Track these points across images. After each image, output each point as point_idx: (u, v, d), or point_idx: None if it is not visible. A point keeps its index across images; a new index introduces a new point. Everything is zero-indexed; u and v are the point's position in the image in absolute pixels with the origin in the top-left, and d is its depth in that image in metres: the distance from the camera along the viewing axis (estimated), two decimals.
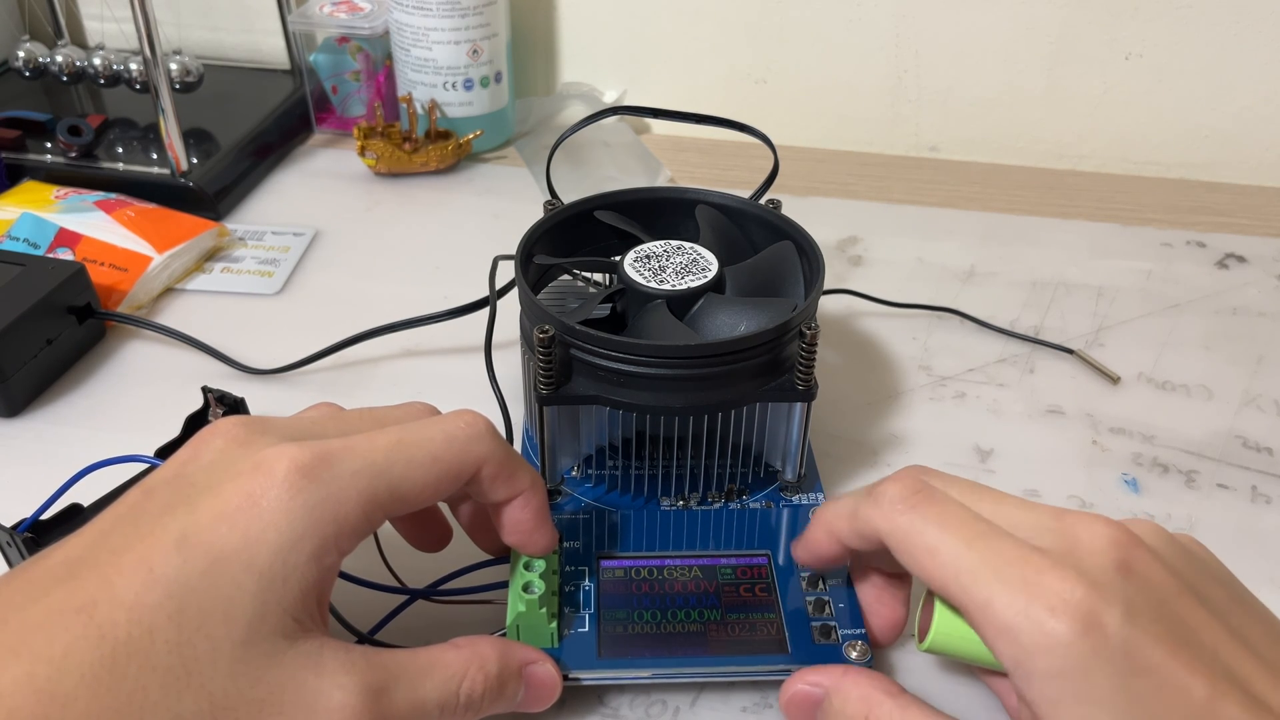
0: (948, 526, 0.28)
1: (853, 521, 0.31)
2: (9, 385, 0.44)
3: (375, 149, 0.63)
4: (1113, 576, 0.26)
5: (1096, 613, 0.25)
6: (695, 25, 0.70)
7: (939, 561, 0.28)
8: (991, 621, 0.26)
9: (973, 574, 0.27)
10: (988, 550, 0.27)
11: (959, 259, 0.58)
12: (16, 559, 0.36)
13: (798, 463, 0.39)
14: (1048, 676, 0.25)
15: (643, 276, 0.39)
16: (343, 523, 0.27)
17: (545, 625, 0.32)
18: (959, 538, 0.28)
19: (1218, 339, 0.52)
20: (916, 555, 0.28)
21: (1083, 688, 0.25)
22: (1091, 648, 0.25)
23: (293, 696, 0.25)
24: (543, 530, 0.32)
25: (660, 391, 0.36)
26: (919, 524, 0.28)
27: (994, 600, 0.26)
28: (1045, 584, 0.26)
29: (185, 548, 0.25)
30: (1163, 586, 0.26)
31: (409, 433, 0.29)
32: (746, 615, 0.34)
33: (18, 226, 0.53)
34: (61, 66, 0.66)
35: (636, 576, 0.36)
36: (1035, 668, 0.25)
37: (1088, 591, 0.25)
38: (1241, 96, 0.66)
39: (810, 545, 0.33)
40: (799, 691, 0.31)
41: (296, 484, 0.26)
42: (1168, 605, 0.26)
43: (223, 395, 0.41)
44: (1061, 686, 0.25)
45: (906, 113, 0.70)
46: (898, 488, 0.29)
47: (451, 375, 0.48)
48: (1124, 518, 0.29)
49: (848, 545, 0.31)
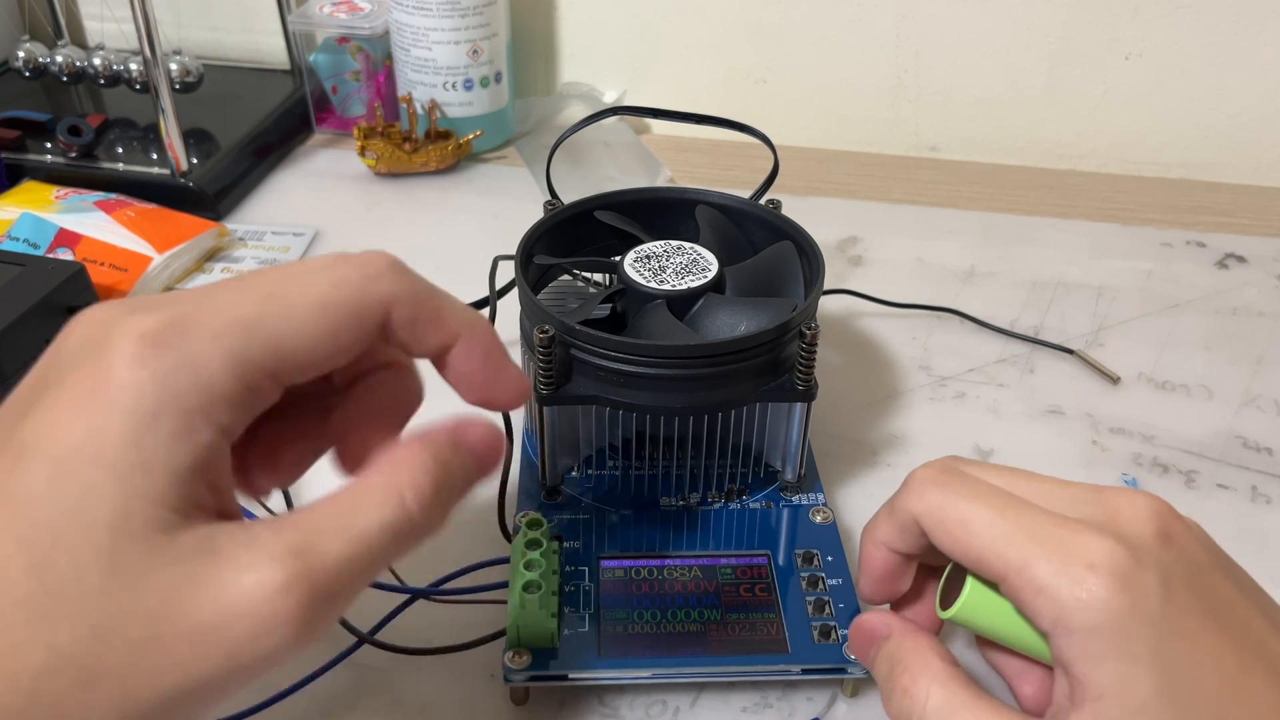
0: (979, 499, 0.28)
1: (891, 517, 0.30)
2: (9, 385, 0.44)
3: (375, 149, 0.63)
4: (1152, 543, 0.26)
5: (1135, 574, 0.25)
6: (695, 25, 0.70)
7: (972, 532, 0.27)
8: (1029, 583, 0.26)
9: (1008, 539, 0.26)
10: (1022, 518, 0.27)
11: (959, 259, 0.58)
12: None
13: (798, 463, 0.39)
14: (1086, 632, 0.25)
15: (643, 276, 0.39)
16: (209, 389, 0.22)
17: (545, 625, 0.32)
18: (992, 509, 0.27)
19: (1218, 339, 0.52)
20: (950, 530, 0.28)
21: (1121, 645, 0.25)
22: (1130, 606, 0.25)
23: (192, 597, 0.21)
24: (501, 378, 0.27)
25: (660, 391, 0.36)
26: (950, 499, 0.28)
27: (1031, 562, 0.26)
28: (1084, 544, 0.25)
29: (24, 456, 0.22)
30: (1199, 559, 0.27)
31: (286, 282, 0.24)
32: (746, 615, 0.34)
33: (18, 226, 0.53)
34: (61, 66, 0.66)
35: (636, 576, 0.36)
36: (1074, 623, 0.25)
37: (1127, 553, 0.25)
38: (1241, 96, 0.66)
39: (866, 566, 0.32)
40: (870, 621, 0.31)
41: (142, 356, 0.22)
42: (1204, 577, 0.26)
43: None
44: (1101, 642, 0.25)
45: (906, 113, 0.70)
46: (928, 470, 0.29)
47: None
48: None
49: (895, 549, 0.31)
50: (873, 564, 0.31)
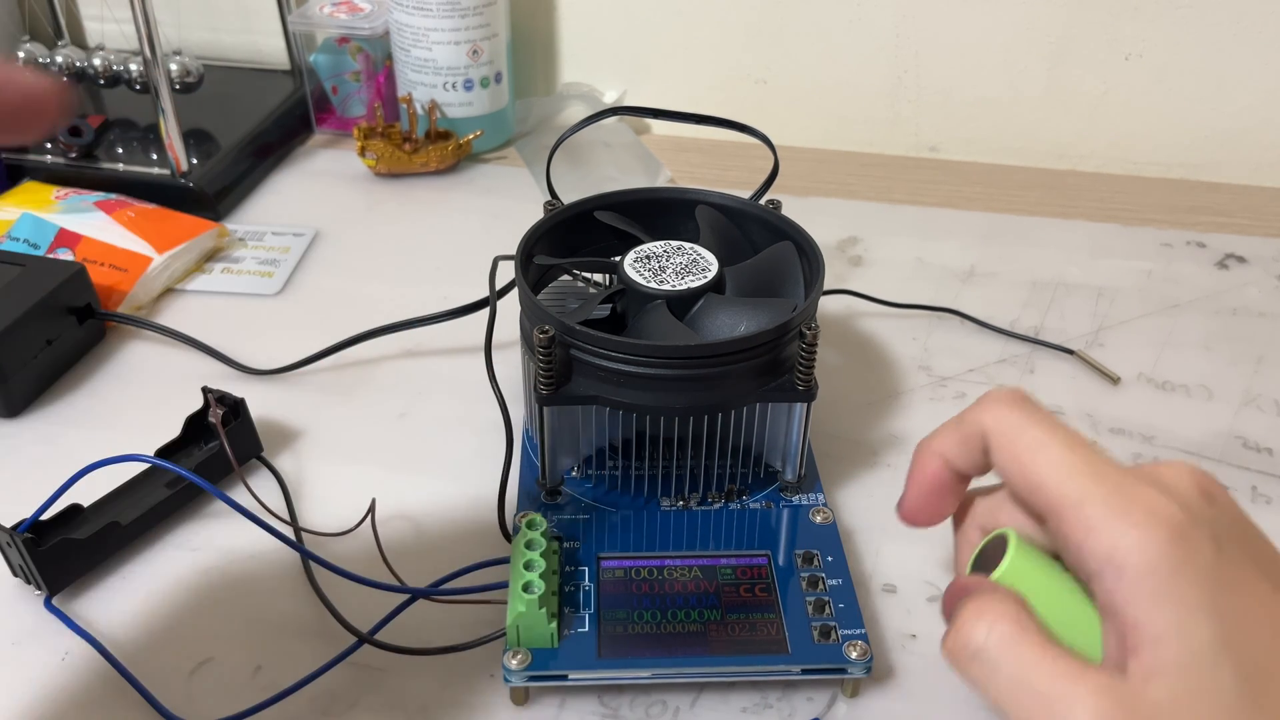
0: (1053, 430, 0.28)
1: (958, 428, 0.30)
2: (9, 386, 0.44)
3: (375, 149, 0.63)
4: (1199, 502, 0.26)
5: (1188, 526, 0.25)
6: (695, 25, 0.70)
7: (1041, 457, 0.27)
8: (1085, 518, 0.26)
9: (1071, 469, 0.27)
10: (1091, 457, 0.27)
11: (959, 259, 0.58)
12: (17, 560, 0.36)
13: (798, 463, 0.39)
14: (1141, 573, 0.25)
15: (643, 277, 0.39)
16: None
17: (545, 625, 0.32)
18: (1063, 442, 0.27)
19: (1218, 339, 0.52)
20: (1019, 451, 0.28)
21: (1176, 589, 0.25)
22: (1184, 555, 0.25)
23: None
24: None
25: (660, 392, 0.36)
26: (1026, 421, 0.28)
27: (1091, 498, 0.26)
28: (1141, 493, 0.26)
29: None
30: (1240, 520, 0.27)
31: None
32: (746, 615, 0.34)
33: (18, 227, 0.53)
34: (62, 67, 0.66)
35: (636, 576, 0.36)
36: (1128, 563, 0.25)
37: (1180, 507, 0.25)
38: (1241, 96, 0.66)
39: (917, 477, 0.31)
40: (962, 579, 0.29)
41: None
42: (1249, 538, 0.27)
43: (223, 396, 0.41)
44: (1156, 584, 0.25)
45: (906, 113, 0.70)
46: (1003, 392, 0.29)
47: (451, 376, 0.48)
48: None
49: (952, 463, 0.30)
50: (924, 474, 0.31)
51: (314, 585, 0.37)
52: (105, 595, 0.37)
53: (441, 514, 0.41)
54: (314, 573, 0.38)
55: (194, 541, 0.40)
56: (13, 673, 0.35)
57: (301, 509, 0.41)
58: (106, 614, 0.37)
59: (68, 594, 0.37)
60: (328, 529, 0.39)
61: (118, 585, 0.38)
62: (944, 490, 0.31)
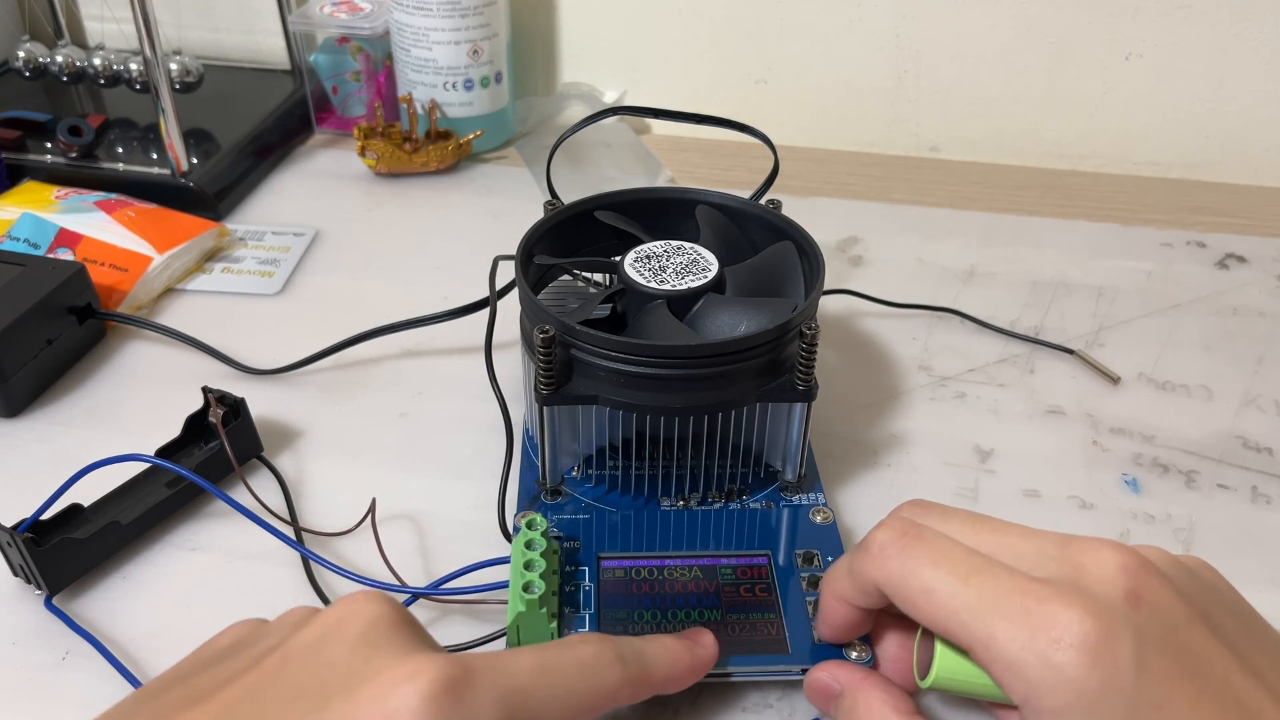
0: (941, 564, 0.27)
1: (851, 578, 0.30)
2: (9, 385, 0.44)
3: (375, 149, 0.63)
4: (1121, 605, 0.25)
5: (1104, 645, 0.24)
6: (695, 25, 0.70)
7: (936, 602, 0.27)
8: (997, 658, 0.25)
9: (972, 611, 0.26)
10: (985, 584, 0.26)
11: (959, 259, 0.58)
12: (17, 559, 0.36)
13: (798, 463, 0.39)
14: (1055, 713, 0.24)
15: (643, 277, 0.39)
16: None
17: (545, 625, 0.32)
18: (954, 575, 0.27)
19: (1218, 339, 0.52)
20: (913, 599, 0.28)
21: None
22: (1100, 682, 0.24)
23: None
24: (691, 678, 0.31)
25: (661, 392, 0.36)
26: (911, 566, 0.28)
27: (996, 635, 0.25)
28: (1049, 615, 0.25)
29: None
30: (1173, 614, 0.26)
31: (548, 657, 0.27)
32: (747, 615, 0.34)
33: (18, 227, 0.53)
34: (62, 67, 0.66)
35: (637, 576, 0.36)
36: (1043, 704, 0.24)
37: (1095, 622, 0.24)
38: (1241, 96, 0.66)
39: (825, 616, 0.32)
40: (819, 680, 0.31)
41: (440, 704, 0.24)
42: (1178, 634, 0.25)
43: (223, 395, 0.41)
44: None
45: (906, 113, 0.70)
46: (886, 533, 0.29)
47: (451, 375, 0.48)
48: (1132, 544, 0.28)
49: (856, 605, 0.31)
50: (833, 617, 0.32)
51: (315, 585, 0.37)
52: (106, 595, 0.37)
53: (440, 514, 0.41)
54: (315, 573, 0.38)
55: (194, 541, 0.40)
56: (13, 673, 0.35)
57: (301, 508, 0.41)
58: (107, 614, 0.37)
59: (68, 594, 0.37)
60: (327, 529, 0.39)
61: (118, 585, 0.38)
62: (855, 624, 0.32)
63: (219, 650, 0.28)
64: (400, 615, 0.27)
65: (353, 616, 0.26)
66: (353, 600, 0.27)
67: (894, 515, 0.30)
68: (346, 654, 0.25)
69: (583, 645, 0.28)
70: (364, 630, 0.26)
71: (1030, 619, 0.25)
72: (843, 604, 0.31)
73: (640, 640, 0.30)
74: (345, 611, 0.26)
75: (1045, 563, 0.27)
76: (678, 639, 0.31)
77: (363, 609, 0.26)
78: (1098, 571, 0.26)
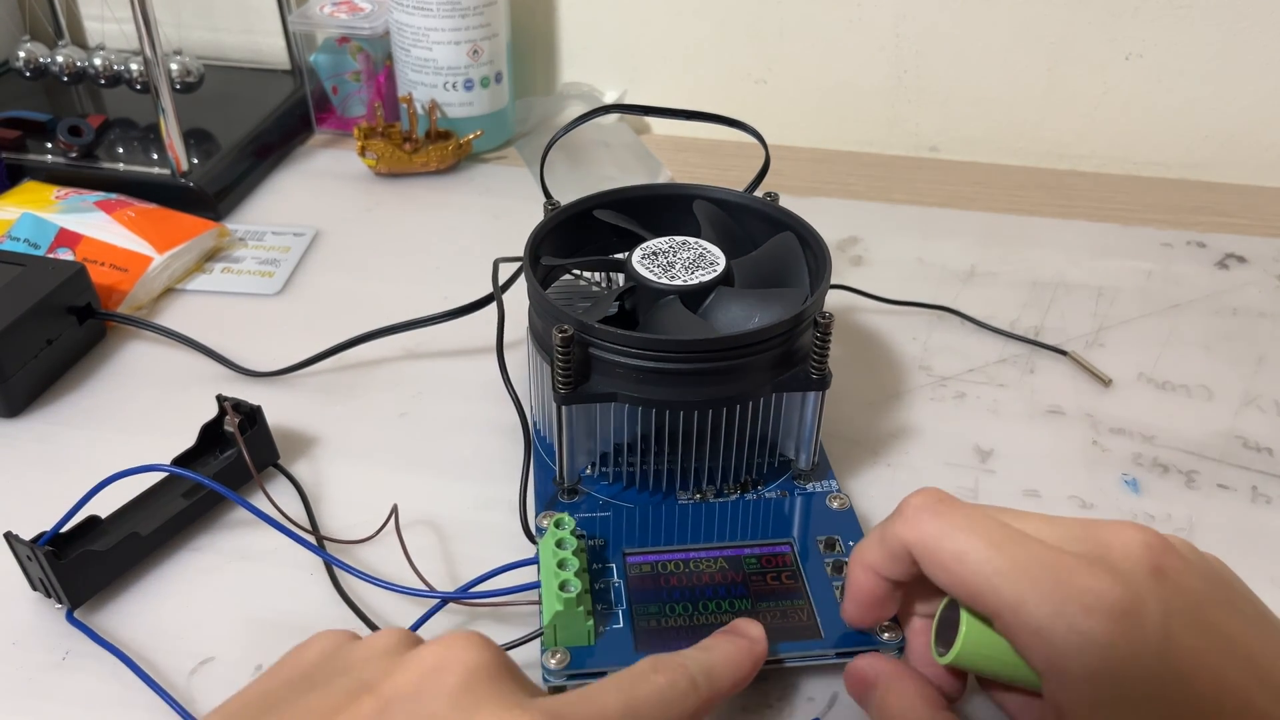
0: (975, 531, 0.27)
1: (882, 544, 0.30)
2: (9, 386, 0.44)
3: (375, 149, 0.63)
4: (1147, 578, 0.25)
5: (1133, 613, 0.24)
6: (695, 25, 0.70)
7: (968, 566, 0.27)
8: (1024, 624, 0.25)
9: (1003, 575, 0.26)
10: (1018, 552, 0.26)
11: (959, 259, 0.58)
12: (38, 573, 0.36)
13: (811, 450, 0.40)
14: (1082, 679, 0.24)
15: (653, 273, 0.39)
16: None
17: (583, 623, 0.32)
18: (987, 541, 0.27)
19: (1218, 339, 0.52)
20: (944, 561, 0.27)
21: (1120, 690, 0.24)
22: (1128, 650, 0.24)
23: None
24: None
25: (679, 386, 0.36)
26: (946, 529, 0.28)
27: (1026, 601, 0.25)
28: (1079, 584, 0.25)
29: None
30: (1197, 591, 0.26)
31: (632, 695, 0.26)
32: (777, 603, 0.35)
33: (18, 227, 0.53)
34: (62, 67, 0.66)
35: (664, 570, 0.36)
36: (1070, 669, 0.25)
37: (1125, 591, 0.24)
38: (1241, 96, 0.66)
39: (853, 591, 0.32)
40: (860, 669, 0.32)
41: None
42: (1204, 611, 0.25)
43: (238, 403, 0.41)
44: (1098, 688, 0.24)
45: (906, 113, 0.70)
46: (921, 498, 0.29)
47: (452, 376, 0.48)
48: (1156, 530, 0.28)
49: (884, 575, 0.30)
50: (859, 589, 0.31)
51: (341, 592, 0.37)
52: (128, 607, 0.37)
53: (456, 516, 0.41)
54: (340, 580, 0.37)
55: (215, 551, 0.39)
56: (38, 690, 0.34)
57: (319, 514, 0.41)
58: (130, 626, 0.36)
59: (89, 606, 0.37)
60: (344, 534, 0.39)
61: (140, 596, 0.37)
62: (882, 599, 0.31)
63: (306, 668, 0.27)
64: (500, 662, 0.26)
65: (453, 663, 0.25)
66: (452, 645, 0.26)
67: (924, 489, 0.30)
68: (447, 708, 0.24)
69: (656, 675, 0.27)
70: (465, 680, 0.25)
71: (1061, 586, 0.25)
72: (870, 575, 0.31)
73: (704, 655, 0.29)
74: (444, 658, 0.26)
75: (1070, 543, 0.27)
76: (732, 640, 0.31)
77: (462, 655, 0.26)
78: (1123, 549, 0.26)
